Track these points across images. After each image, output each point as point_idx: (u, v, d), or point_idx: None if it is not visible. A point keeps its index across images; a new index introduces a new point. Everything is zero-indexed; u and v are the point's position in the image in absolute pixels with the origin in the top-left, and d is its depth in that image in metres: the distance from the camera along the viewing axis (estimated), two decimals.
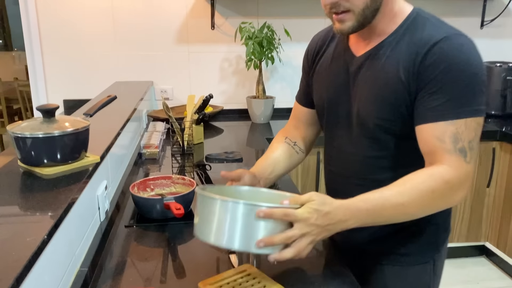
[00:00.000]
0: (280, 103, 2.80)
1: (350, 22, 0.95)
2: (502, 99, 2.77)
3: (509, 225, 2.46)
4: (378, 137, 1.01)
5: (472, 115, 0.89)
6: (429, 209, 0.93)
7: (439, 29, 0.94)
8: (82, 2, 2.57)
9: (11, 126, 1.01)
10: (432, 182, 0.88)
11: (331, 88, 1.10)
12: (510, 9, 2.90)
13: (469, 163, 0.90)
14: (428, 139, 0.91)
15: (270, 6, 2.72)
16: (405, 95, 0.94)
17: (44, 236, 0.69)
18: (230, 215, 0.83)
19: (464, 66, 0.89)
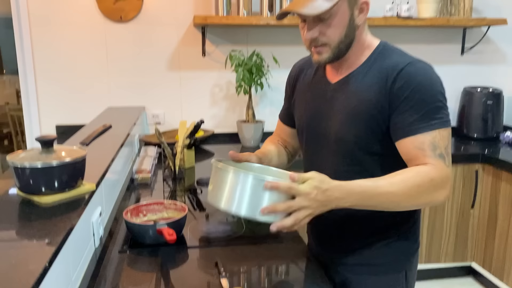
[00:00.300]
0: (270, 126, 2.86)
1: (326, 54, 1.09)
2: (483, 122, 2.87)
3: (494, 245, 2.53)
4: (354, 154, 1.13)
5: (443, 126, 1.03)
6: (414, 201, 1.03)
7: (403, 57, 1.09)
8: (75, 29, 2.64)
9: (10, 156, 1.06)
10: (419, 177, 1.00)
11: (310, 110, 1.23)
12: (488, 36, 3.03)
13: (448, 166, 1.03)
14: (410, 150, 1.04)
15: (259, 35, 2.81)
16: (378, 114, 1.07)
17: (45, 264, 0.73)
18: (240, 185, 0.95)
19: (428, 86, 1.04)
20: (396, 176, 1.02)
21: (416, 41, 2.99)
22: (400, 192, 1.00)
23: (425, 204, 1.06)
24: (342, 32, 1.07)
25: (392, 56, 1.10)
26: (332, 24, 1.06)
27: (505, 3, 3.01)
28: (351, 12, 1.07)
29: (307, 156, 1.30)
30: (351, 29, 1.09)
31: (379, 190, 0.99)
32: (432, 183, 1.00)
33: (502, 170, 2.43)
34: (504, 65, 3.12)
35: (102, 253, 1.26)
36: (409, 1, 2.87)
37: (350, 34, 1.09)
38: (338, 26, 1.06)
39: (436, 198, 1.03)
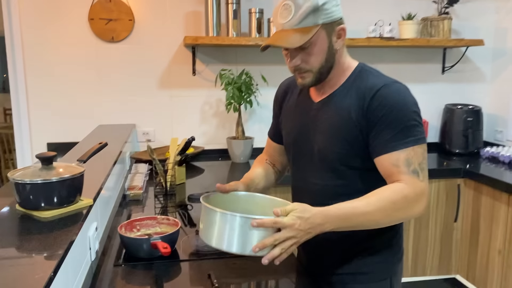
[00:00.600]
0: (259, 143, 2.93)
1: (309, 78, 1.19)
2: (464, 138, 2.98)
3: (477, 257, 2.60)
4: (336, 168, 1.21)
5: (416, 143, 1.11)
6: (392, 218, 1.11)
7: (379, 79, 1.17)
8: (68, 49, 2.69)
9: (11, 172, 1.10)
10: (394, 195, 1.08)
11: (296, 128, 1.32)
12: (467, 56, 3.17)
13: (423, 181, 1.10)
14: (386, 167, 1.12)
15: (247, 55, 2.90)
16: (357, 132, 1.15)
17: (50, 274, 0.77)
18: (228, 225, 1.01)
19: (402, 106, 1.12)
20: (372, 196, 1.08)
21: (399, 61, 3.11)
22: (377, 211, 1.06)
23: (403, 219, 1.14)
24: (322, 58, 1.15)
25: (369, 77, 1.18)
26: (312, 52, 1.14)
27: (481, 25, 3.15)
28: (330, 39, 1.15)
29: (295, 172, 1.37)
30: (331, 54, 1.17)
31: (357, 211, 1.06)
32: (406, 200, 1.07)
33: (482, 184, 2.52)
34: (483, 83, 3.25)
35: (97, 267, 1.29)
36: (391, 22, 3.00)
37: (330, 59, 1.17)
38: (319, 53, 1.15)
39: (412, 213, 1.10)
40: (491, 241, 2.48)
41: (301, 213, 1.01)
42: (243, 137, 2.76)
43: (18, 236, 0.99)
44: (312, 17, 1.11)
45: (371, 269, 1.27)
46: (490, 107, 3.25)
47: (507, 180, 2.36)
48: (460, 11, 3.10)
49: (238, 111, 2.73)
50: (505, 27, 3.09)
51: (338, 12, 1.16)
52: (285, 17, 1.13)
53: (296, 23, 1.11)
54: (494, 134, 3.20)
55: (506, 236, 2.37)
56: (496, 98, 3.21)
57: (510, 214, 2.33)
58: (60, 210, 1.11)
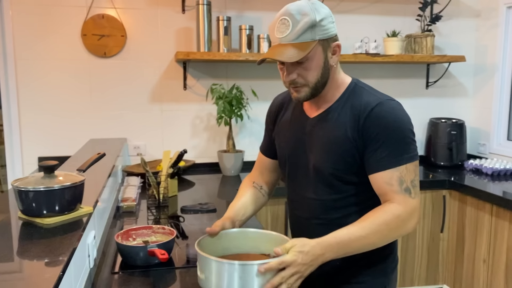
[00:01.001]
0: (249, 156, 2.98)
1: (304, 93, 1.21)
2: (448, 151, 3.07)
3: (463, 267, 2.66)
4: (332, 183, 1.23)
5: (409, 160, 1.15)
6: (387, 238, 1.15)
7: (373, 96, 1.20)
8: (60, 64, 2.72)
9: (15, 181, 1.13)
10: (386, 216, 1.12)
11: (291, 144, 1.33)
12: (449, 72, 3.29)
13: (414, 198, 1.15)
14: (380, 184, 1.16)
15: (238, 70, 2.97)
16: (353, 149, 1.18)
17: (59, 273, 0.80)
18: (227, 273, 0.99)
19: (396, 125, 1.15)
20: (366, 220, 1.12)
21: (384, 76, 3.21)
22: (372, 233, 1.10)
23: (398, 237, 1.18)
24: (318, 74, 1.18)
25: (363, 94, 1.22)
26: (309, 67, 1.17)
27: (463, 42, 3.29)
28: (325, 55, 1.18)
29: (290, 186, 1.38)
30: (326, 70, 1.20)
31: (353, 237, 1.09)
32: (399, 219, 1.12)
33: (467, 195, 2.60)
34: (465, 98, 3.37)
35: (95, 274, 1.31)
36: (377, 39, 3.10)
37: (325, 74, 1.20)
38: (315, 69, 1.17)
39: (405, 230, 1.15)
40: (476, 251, 2.55)
41: (301, 248, 1.04)
42: (233, 150, 2.81)
43: (24, 241, 1.01)
44: (310, 33, 1.13)
45: (367, 278, 1.29)
46: (472, 121, 3.36)
47: (490, 191, 2.44)
48: (442, 29, 3.23)
49: (229, 125, 2.78)
50: (485, 44, 3.23)
51: (334, 29, 1.19)
52: (282, 31, 1.15)
53: (294, 38, 1.13)
54: (477, 147, 3.31)
55: (490, 245, 2.44)
56: (478, 112, 3.32)
57: (493, 223, 2.41)
58: (62, 217, 1.13)
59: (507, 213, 2.30)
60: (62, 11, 2.68)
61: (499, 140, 3.17)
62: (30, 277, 0.82)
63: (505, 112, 3.13)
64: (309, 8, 1.14)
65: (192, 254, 1.49)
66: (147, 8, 2.79)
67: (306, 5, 1.15)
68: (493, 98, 3.17)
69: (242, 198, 1.40)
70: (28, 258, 0.92)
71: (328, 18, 1.17)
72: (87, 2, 2.70)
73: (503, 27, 3.06)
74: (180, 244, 1.60)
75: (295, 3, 1.17)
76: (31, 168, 2.75)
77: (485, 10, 3.21)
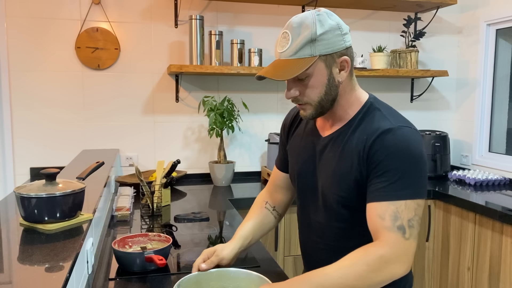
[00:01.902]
0: (240, 167, 3.04)
1: (309, 111, 1.14)
2: (433, 162, 3.16)
3: (448, 275, 2.74)
4: (337, 210, 1.15)
5: (411, 197, 1.02)
6: (368, 281, 1.00)
7: (386, 120, 1.09)
8: (54, 76, 2.76)
9: (17, 188, 1.17)
10: (367, 257, 1.00)
11: (301, 162, 1.26)
12: (433, 86, 3.40)
13: (408, 239, 1.00)
14: (372, 216, 1.04)
15: (229, 82, 3.04)
16: (357, 176, 1.09)
17: (66, 274, 0.84)
18: None
19: (403, 155, 1.03)
20: (345, 260, 1.02)
21: (370, 90, 3.31)
22: (350, 275, 0.99)
23: (383, 281, 1.01)
24: (321, 91, 1.10)
25: (375, 117, 1.11)
26: (309, 84, 1.09)
27: (446, 57, 3.41)
28: (329, 71, 1.09)
29: (300, 205, 1.32)
30: (332, 87, 1.11)
31: (329, 278, 1.00)
32: (382, 260, 0.98)
33: (451, 205, 2.69)
34: (448, 111, 3.48)
35: (93, 281, 1.34)
36: (363, 54, 3.21)
37: (331, 92, 1.11)
38: (317, 86, 1.09)
39: (391, 274, 1.00)
40: (461, 259, 2.62)
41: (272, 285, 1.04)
42: (225, 161, 2.86)
43: (27, 246, 1.05)
44: (309, 48, 1.06)
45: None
46: (455, 133, 3.47)
47: (473, 200, 2.52)
48: (426, 45, 3.36)
49: (220, 136, 2.83)
50: (467, 59, 3.36)
51: (341, 43, 1.09)
52: (282, 46, 1.09)
53: (291, 54, 1.07)
54: (460, 159, 3.41)
55: (473, 253, 2.52)
56: (461, 125, 3.44)
57: (477, 232, 2.49)
58: (63, 223, 1.17)
59: (490, 221, 2.38)
60: (56, 24, 2.73)
61: (481, 152, 3.28)
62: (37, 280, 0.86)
63: (487, 124, 3.24)
64: (311, 21, 1.06)
65: (189, 259, 1.53)
66: (140, 22, 2.86)
67: (309, 17, 1.08)
68: (475, 111, 3.29)
69: (251, 222, 1.37)
70: (33, 262, 0.96)
71: (334, 31, 1.08)
72: (82, 15, 2.76)
73: (483, 43, 3.19)
74: (173, 253, 1.64)
75: (300, 15, 1.10)
76: (23, 179, 2.76)
77: (466, 27, 3.35)
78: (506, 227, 2.27)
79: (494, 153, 3.21)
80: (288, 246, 2.58)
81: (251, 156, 3.12)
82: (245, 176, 3.10)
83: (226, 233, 1.88)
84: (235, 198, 2.54)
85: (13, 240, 1.10)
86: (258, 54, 2.88)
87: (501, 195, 2.66)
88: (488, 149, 3.25)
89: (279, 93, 3.12)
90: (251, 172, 3.11)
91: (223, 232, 1.89)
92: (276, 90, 3.11)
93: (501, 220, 2.28)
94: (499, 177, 2.95)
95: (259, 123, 3.11)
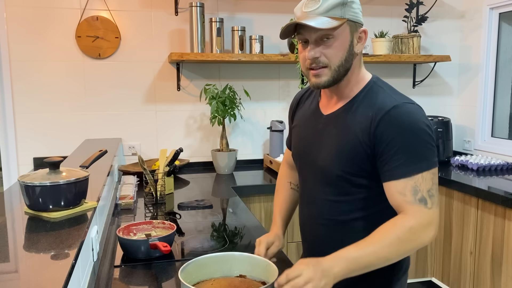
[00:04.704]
0: (242, 155, 3.04)
1: (325, 77, 1.14)
2: (435, 148, 3.16)
3: (450, 260, 2.75)
4: (338, 184, 1.19)
5: (426, 169, 1.07)
6: (400, 252, 1.06)
7: (391, 98, 1.13)
8: (55, 65, 2.75)
9: (21, 177, 1.17)
10: (397, 230, 1.05)
11: (303, 140, 1.31)
12: (435, 71, 3.38)
13: (431, 208, 1.06)
14: (393, 194, 1.09)
15: (230, 70, 3.03)
16: (363, 153, 1.12)
17: (72, 261, 0.85)
18: None
19: (413, 130, 1.07)
20: (376, 234, 1.06)
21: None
22: (383, 248, 1.03)
23: (413, 249, 1.07)
24: (343, 55, 1.12)
25: (379, 95, 1.15)
26: (334, 45, 1.11)
27: (448, 42, 3.39)
28: (352, 38, 1.13)
29: (301, 183, 1.36)
30: (350, 55, 1.14)
31: (362, 252, 1.03)
32: (411, 231, 1.04)
33: (454, 190, 2.69)
34: (450, 96, 3.47)
35: (99, 268, 1.36)
36: None
37: (349, 60, 1.14)
38: (340, 49, 1.12)
39: (420, 242, 1.06)
40: (463, 244, 2.64)
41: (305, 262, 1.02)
42: (227, 149, 2.86)
43: (32, 234, 1.06)
44: (339, 10, 1.09)
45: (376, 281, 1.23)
46: (458, 118, 3.46)
47: (476, 185, 2.52)
48: (428, 29, 3.33)
49: (222, 125, 2.83)
50: (469, 44, 3.33)
51: (361, 16, 1.14)
52: (311, 6, 1.10)
53: (323, 12, 1.09)
54: (463, 144, 3.41)
55: (476, 238, 2.53)
56: (463, 110, 3.42)
57: (479, 217, 2.50)
58: (68, 211, 1.18)
59: (492, 206, 2.39)
60: (56, 13, 2.71)
61: (484, 137, 3.27)
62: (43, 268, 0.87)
63: (489, 110, 3.23)
64: None
65: (194, 247, 1.55)
66: (140, 10, 2.84)
67: None
68: (477, 97, 3.27)
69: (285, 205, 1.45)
70: (38, 250, 0.97)
71: (358, 4, 1.14)
72: (81, 4, 2.74)
73: (486, 27, 3.16)
74: (177, 240, 1.65)
75: None
76: (26, 169, 2.78)
77: (469, 11, 3.32)
78: (509, 211, 2.28)
79: (497, 138, 3.20)
80: (291, 233, 2.60)
81: (254, 144, 3.12)
82: (248, 164, 3.11)
83: (230, 220, 1.89)
84: (238, 185, 2.55)
85: (18, 228, 1.11)
86: (259, 41, 2.86)
87: (504, 180, 2.66)
88: (491, 134, 3.24)
89: (281, 81, 3.11)
90: (253, 160, 3.12)
91: (227, 220, 1.90)
92: (278, 77, 3.10)
93: (504, 204, 2.28)
94: (501, 162, 2.95)
95: (261, 111, 3.10)
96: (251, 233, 1.71)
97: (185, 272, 1.08)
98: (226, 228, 1.78)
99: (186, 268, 1.09)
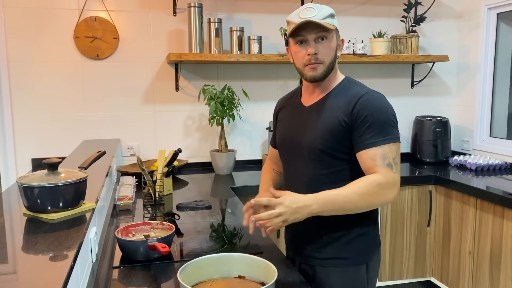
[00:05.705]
0: (241, 155, 3.04)
1: (321, 70, 1.40)
2: (434, 148, 3.17)
3: (449, 260, 2.76)
4: (322, 158, 1.41)
5: (392, 141, 1.33)
6: (367, 202, 1.30)
7: (362, 88, 1.42)
8: (54, 66, 2.75)
9: (19, 178, 1.17)
10: (368, 183, 1.29)
11: (288, 129, 1.54)
12: (434, 71, 3.39)
13: (395, 173, 1.32)
14: (365, 160, 1.34)
15: (229, 71, 3.03)
16: (343, 129, 1.37)
17: (71, 263, 0.85)
18: None
19: (381, 110, 1.35)
20: (351, 185, 1.30)
21: (371, 76, 3.30)
22: (354, 195, 1.28)
23: (379, 203, 1.32)
24: (332, 56, 1.40)
25: (354, 86, 1.44)
26: (328, 46, 1.38)
27: (446, 42, 3.39)
28: (336, 44, 1.41)
29: (286, 166, 1.57)
30: (335, 56, 1.41)
31: (338, 196, 1.28)
32: (379, 187, 1.28)
33: (452, 190, 2.69)
34: (449, 96, 3.47)
35: (97, 269, 1.35)
36: (363, 40, 3.19)
37: (334, 60, 1.41)
38: (332, 49, 1.39)
39: (385, 198, 1.30)
40: (462, 243, 2.64)
41: (290, 195, 1.26)
42: (226, 150, 2.86)
43: (31, 235, 1.05)
44: (330, 19, 1.36)
45: (349, 254, 1.44)
46: (456, 118, 3.46)
47: (474, 185, 2.53)
48: (426, 30, 3.33)
49: (221, 125, 2.83)
50: (467, 44, 3.34)
51: None
52: (307, 14, 1.33)
53: (320, 18, 1.33)
54: (461, 144, 3.41)
55: (475, 238, 2.53)
56: (462, 110, 3.43)
57: (478, 216, 2.50)
58: (66, 213, 1.18)
59: (491, 206, 2.39)
60: (54, 14, 2.71)
61: (482, 137, 3.28)
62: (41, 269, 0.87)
63: (487, 110, 3.24)
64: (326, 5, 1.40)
65: (193, 247, 1.55)
66: (139, 11, 2.84)
67: None
68: (475, 97, 3.28)
69: (268, 181, 1.69)
70: (37, 251, 0.97)
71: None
72: (79, 4, 2.74)
73: (484, 27, 3.17)
74: (176, 241, 1.65)
75: None
76: (24, 169, 2.77)
77: (467, 12, 3.32)
78: (507, 211, 2.28)
79: (495, 138, 3.20)
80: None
81: (252, 144, 3.12)
82: (247, 164, 3.11)
83: (229, 221, 1.89)
84: (237, 186, 2.55)
85: (16, 230, 1.11)
86: (257, 42, 2.86)
87: (502, 179, 2.66)
88: (489, 134, 3.25)
89: (280, 81, 3.11)
90: (252, 160, 3.12)
91: (226, 220, 1.90)
92: (277, 77, 3.10)
93: (502, 204, 2.29)
94: (500, 162, 2.95)
95: (259, 111, 3.10)
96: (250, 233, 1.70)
97: (184, 273, 1.08)
98: (225, 229, 1.78)
99: (185, 269, 1.09)
